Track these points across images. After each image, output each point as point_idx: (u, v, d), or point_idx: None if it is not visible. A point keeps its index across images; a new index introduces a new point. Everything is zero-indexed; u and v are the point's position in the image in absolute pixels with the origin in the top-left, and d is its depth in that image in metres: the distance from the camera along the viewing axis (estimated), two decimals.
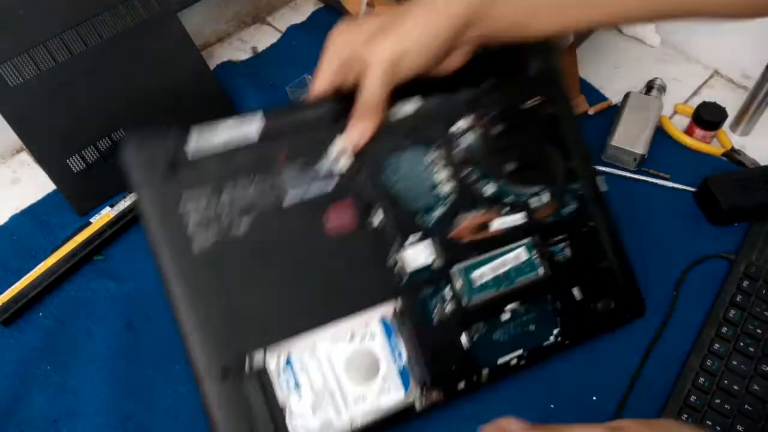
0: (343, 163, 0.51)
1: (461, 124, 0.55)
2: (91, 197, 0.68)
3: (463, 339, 0.52)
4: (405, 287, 0.51)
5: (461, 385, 0.51)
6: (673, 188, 0.70)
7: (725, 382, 0.55)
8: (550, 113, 0.57)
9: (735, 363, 0.56)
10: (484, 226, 0.54)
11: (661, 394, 0.56)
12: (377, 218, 0.52)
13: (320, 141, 0.51)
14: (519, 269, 0.54)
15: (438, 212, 0.53)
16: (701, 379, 0.55)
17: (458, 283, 0.53)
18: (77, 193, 0.67)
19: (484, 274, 0.53)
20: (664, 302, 0.61)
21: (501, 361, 0.52)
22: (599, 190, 0.57)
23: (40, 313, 0.60)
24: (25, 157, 0.73)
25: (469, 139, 0.55)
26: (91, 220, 0.65)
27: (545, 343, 0.54)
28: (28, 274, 0.61)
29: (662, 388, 0.56)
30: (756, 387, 0.55)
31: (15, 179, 0.71)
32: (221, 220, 0.48)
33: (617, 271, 0.57)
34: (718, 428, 0.53)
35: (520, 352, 0.53)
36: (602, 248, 0.57)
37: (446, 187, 0.54)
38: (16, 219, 0.67)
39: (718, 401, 0.54)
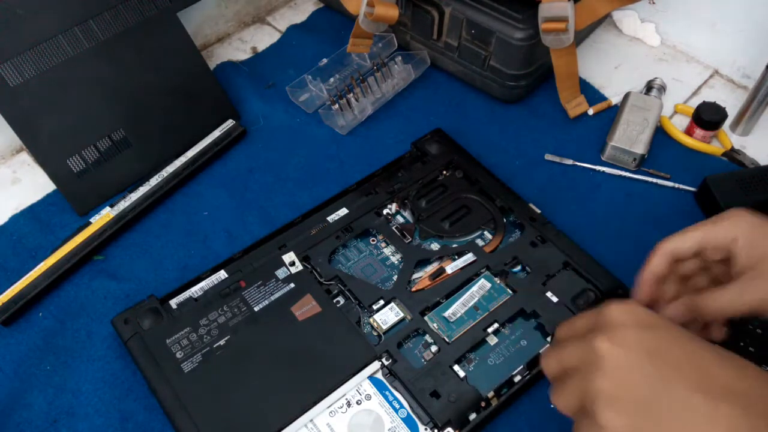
0: (295, 268, 0.59)
1: (389, 209, 0.65)
2: (91, 197, 0.68)
3: (458, 371, 0.53)
4: (386, 345, 0.55)
5: (472, 415, 0.52)
6: (673, 188, 0.70)
7: None
8: (461, 175, 0.67)
9: None
10: (441, 271, 0.60)
11: None
12: (340, 299, 0.58)
13: (272, 261, 0.60)
14: (487, 297, 0.58)
15: (395, 278, 0.60)
16: None
17: (435, 326, 0.56)
18: (77, 193, 0.67)
19: (456, 311, 0.57)
20: None
21: (503, 380, 0.53)
22: (535, 212, 0.64)
23: (40, 313, 0.60)
24: (25, 157, 0.73)
25: (400, 219, 0.65)
26: (91, 220, 0.65)
27: (542, 351, 0.55)
28: (28, 274, 0.61)
29: None
30: None
31: (15, 179, 0.71)
32: (203, 341, 0.54)
33: (581, 267, 0.59)
34: None
35: (520, 367, 0.54)
36: (558, 254, 0.60)
37: (395, 258, 0.62)
38: (16, 219, 0.67)
39: None
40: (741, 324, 0.58)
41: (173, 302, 0.57)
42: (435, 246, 0.63)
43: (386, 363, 0.54)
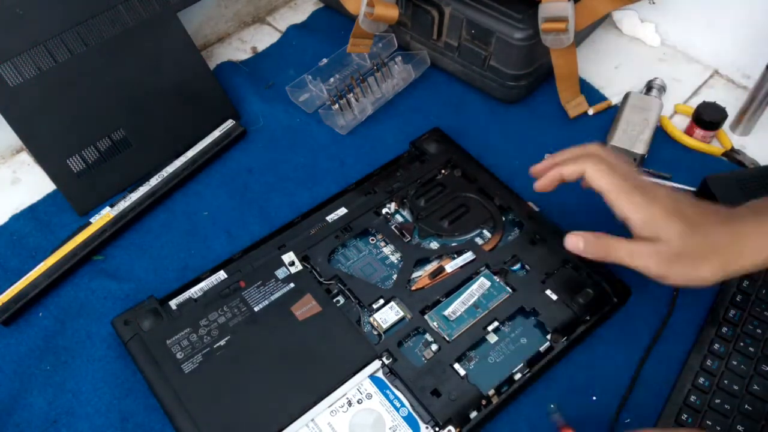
0: (295, 268, 0.59)
1: (388, 208, 0.65)
2: (91, 197, 0.68)
3: (459, 369, 0.53)
4: (386, 344, 0.55)
5: (473, 413, 0.51)
6: (673, 188, 0.70)
7: (725, 382, 0.55)
8: (460, 174, 0.68)
9: (735, 363, 0.56)
10: (441, 269, 0.60)
11: (661, 394, 0.56)
12: (340, 298, 0.59)
13: (271, 261, 0.59)
14: (487, 295, 0.58)
15: (394, 277, 0.60)
16: (701, 379, 0.55)
17: (435, 325, 0.56)
18: (77, 193, 0.67)
19: (456, 309, 0.57)
20: (664, 302, 0.61)
21: (503, 378, 0.53)
22: (534, 210, 0.64)
23: (40, 313, 0.60)
24: (25, 157, 0.73)
25: (399, 218, 0.65)
26: (91, 220, 0.65)
27: (542, 348, 0.55)
28: (28, 274, 0.61)
29: (662, 388, 0.56)
30: (756, 387, 0.55)
31: (15, 179, 0.71)
32: (204, 342, 0.54)
33: (581, 265, 0.59)
34: (718, 428, 0.53)
35: (520, 365, 0.54)
36: (557, 251, 0.60)
37: (395, 257, 0.62)
38: (16, 219, 0.67)
39: (718, 401, 0.54)
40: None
41: (173, 303, 0.57)
42: (434, 245, 0.63)
43: (387, 362, 0.54)
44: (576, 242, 0.54)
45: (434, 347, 0.55)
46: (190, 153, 0.71)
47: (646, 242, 0.51)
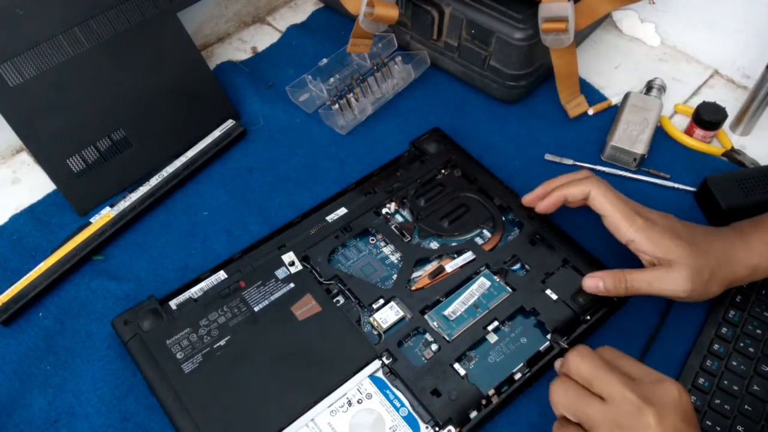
0: (295, 268, 0.59)
1: (388, 208, 0.65)
2: (91, 197, 0.68)
3: (459, 369, 0.53)
4: (386, 344, 0.55)
5: (473, 413, 0.51)
6: (673, 188, 0.70)
7: (725, 382, 0.55)
8: (460, 174, 0.68)
9: (735, 363, 0.56)
10: (441, 269, 0.60)
11: None
12: (340, 298, 0.58)
13: (271, 261, 0.60)
14: (487, 295, 0.58)
15: (394, 277, 0.60)
16: (701, 379, 0.55)
17: (435, 324, 0.56)
18: (77, 193, 0.67)
19: (456, 309, 0.57)
20: (663, 302, 0.61)
21: (503, 378, 0.53)
22: (534, 210, 0.62)
23: (40, 313, 0.60)
24: (25, 157, 0.73)
25: (399, 218, 0.65)
26: (91, 220, 0.65)
27: (542, 348, 0.55)
28: (28, 274, 0.61)
29: None
30: (756, 387, 0.55)
31: (15, 179, 0.71)
32: (204, 342, 0.54)
33: (580, 265, 0.59)
34: (718, 429, 0.53)
35: (520, 365, 0.54)
36: (557, 251, 0.61)
37: (395, 257, 0.61)
38: (16, 219, 0.67)
39: (718, 401, 0.54)
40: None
41: (173, 303, 0.57)
42: (434, 245, 0.63)
43: (387, 362, 0.54)
44: (596, 284, 0.56)
45: (434, 347, 0.55)
46: (190, 153, 0.71)
47: (662, 268, 0.54)
